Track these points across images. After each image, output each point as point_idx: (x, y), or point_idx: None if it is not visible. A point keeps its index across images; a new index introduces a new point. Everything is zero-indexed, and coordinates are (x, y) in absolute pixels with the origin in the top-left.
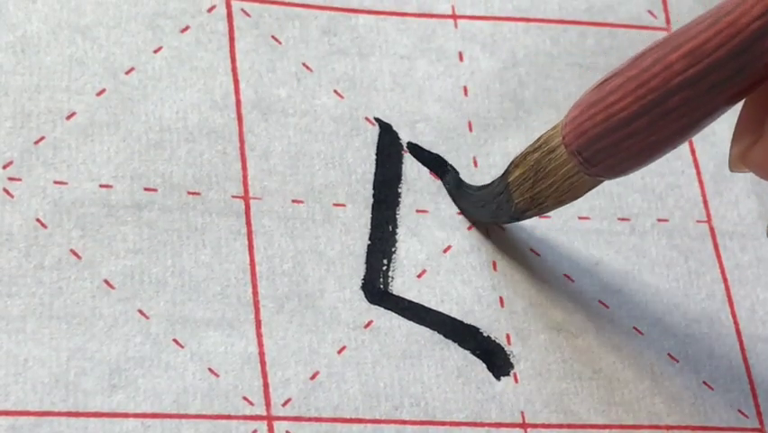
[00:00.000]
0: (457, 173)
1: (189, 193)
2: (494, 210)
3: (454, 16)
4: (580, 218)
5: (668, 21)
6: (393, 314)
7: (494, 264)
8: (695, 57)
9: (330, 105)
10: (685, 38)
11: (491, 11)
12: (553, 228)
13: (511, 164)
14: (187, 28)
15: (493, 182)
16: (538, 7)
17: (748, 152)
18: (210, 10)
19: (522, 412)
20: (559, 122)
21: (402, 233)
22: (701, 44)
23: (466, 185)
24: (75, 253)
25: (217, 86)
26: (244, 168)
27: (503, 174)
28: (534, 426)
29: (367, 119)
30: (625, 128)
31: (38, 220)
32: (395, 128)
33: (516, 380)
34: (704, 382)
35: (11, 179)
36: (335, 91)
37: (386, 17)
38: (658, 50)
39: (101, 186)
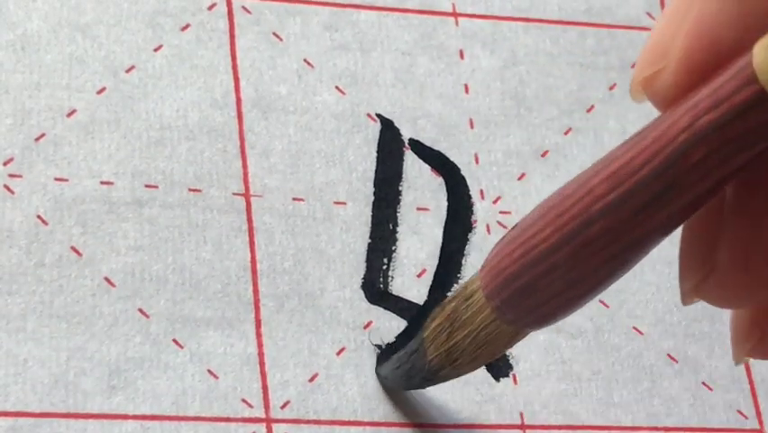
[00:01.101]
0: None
1: (190, 190)
2: (408, 370)
3: (455, 14)
4: None
5: None
6: (393, 314)
7: None
8: (618, 178)
9: (331, 101)
10: (609, 160)
11: (491, 10)
12: None
13: (429, 317)
14: (187, 26)
15: (409, 344)
16: (538, 7)
17: (702, 286)
18: (211, 8)
19: (521, 413)
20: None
21: (402, 231)
22: (624, 164)
23: (394, 355)
24: (75, 251)
25: (218, 84)
26: (245, 165)
27: (420, 330)
28: (534, 427)
29: (368, 115)
30: (543, 263)
31: (39, 217)
32: (396, 124)
33: (515, 381)
34: (703, 383)
35: (11, 175)
36: (337, 87)
37: (387, 13)
38: (581, 175)
39: (102, 183)
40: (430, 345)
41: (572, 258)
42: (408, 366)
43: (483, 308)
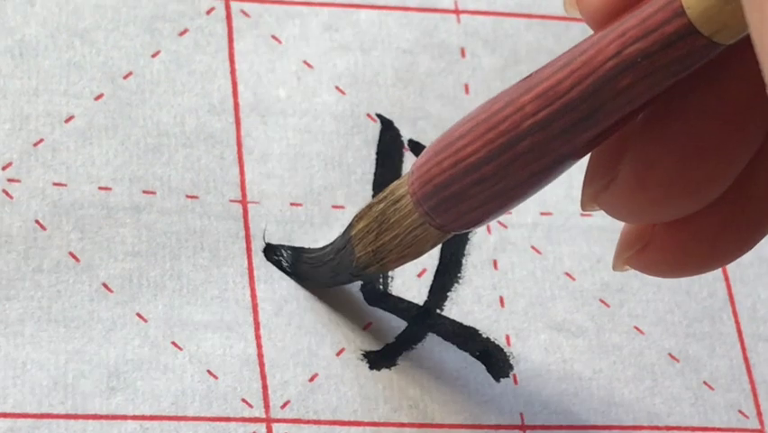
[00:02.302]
0: (295, 250)
1: (188, 196)
2: (334, 267)
3: (457, 11)
4: (582, 215)
5: None
6: (392, 315)
7: (494, 264)
8: (547, 98)
9: (331, 101)
10: (539, 79)
11: (494, 6)
12: (555, 226)
13: (355, 217)
14: (185, 31)
15: (335, 240)
16: (540, 4)
17: (601, 194)
18: (209, 12)
19: (521, 414)
20: (407, 172)
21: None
22: (554, 85)
23: (305, 250)
24: (73, 256)
25: (216, 89)
26: (242, 172)
27: (346, 228)
28: (534, 427)
29: (368, 116)
30: (472, 174)
31: (37, 222)
32: (396, 125)
33: (515, 381)
34: (704, 383)
35: (10, 180)
36: (337, 87)
37: (388, 12)
38: (511, 92)
39: (100, 188)
40: (358, 243)
41: (500, 171)
42: (335, 263)
43: (411, 213)
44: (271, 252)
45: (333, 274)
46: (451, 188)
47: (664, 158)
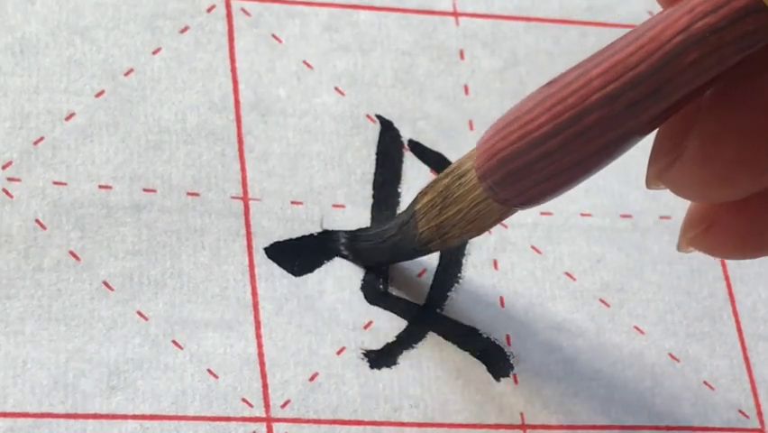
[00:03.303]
0: (352, 232)
1: (188, 194)
2: (397, 242)
3: (455, 14)
4: (581, 215)
5: None
6: (392, 315)
7: (495, 264)
8: (616, 72)
9: (331, 102)
10: (608, 54)
11: (492, 9)
12: (555, 225)
13: (420, 192)
14: (186, 29)
15: (398, 216)
16: (539, 6)
17: (666, 172)
18: (209, 10)
19: (521, 414)
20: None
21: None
22: (623, 59)
23: (362, 230)
24: (74, 255)
25: (216, 87)
26: (243, 169)
27: (410, 203)
28: (534, 427)
29: (368, 117)
30: (538, 148)
31: (37, 221)
32: (396, 125)
33: (515, 381)
34: (705, 382)
35: (10, 179)
36: (336, 88)
37: (387, 13)
38: (579, 67)
39: (100, 187)
40: (421, 218)
41: (566, 145)
42: (397, 239)
43: (475, 188)
44: (328, 239)
45: (394, 251)
46: (516, 161)
47: (731, 135)
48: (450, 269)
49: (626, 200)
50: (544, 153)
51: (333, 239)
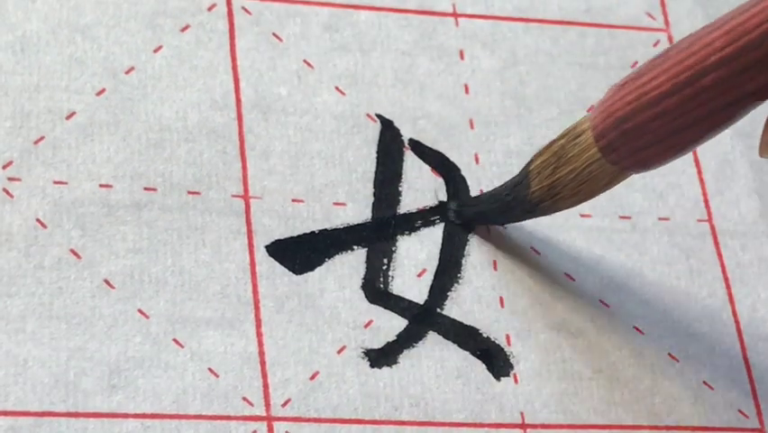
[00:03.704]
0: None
1: (189, 192)
2: (509, 203)
3: (455, 14)
4: (581, 216)
5: (667, 23)
6: (393, 314)
7: (494, 264)
8: (734, 34)
9: (331, 102)
10: (728, 17)
11: (491, 10)
12: (555, 226)
13: (535, 154)
14: (187, 27)
15: (513, 177)
16: (538, 8)
17: None
18: (210, 8)
19: (522, 413)
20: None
21: (401, 233)
22: (742, 22)
23: (478, 195)
24: (75, 253)
25: (217, 85)
26: (244, 167)
27: (525, 165)
28: (534, 426)
29: (368, 116)
30: (654, 108)
31: (38, 220)
32: (396, 124)
33: (515, 380)
34: (704, 382)
35: (11, 179)
36: (337, 88)
37: (387, 13)
38: (701, 31)
39: (101, 186)
40: (534, 177)
41: (682, 106)
42: (510, 198)
43: (590, 147)
44: (443, 209)
45: (505, 211)
46: (632, 120)
47: None
48: (450, 269)
49: (626, 201)
50: (660, 113)
51: (447, 207)
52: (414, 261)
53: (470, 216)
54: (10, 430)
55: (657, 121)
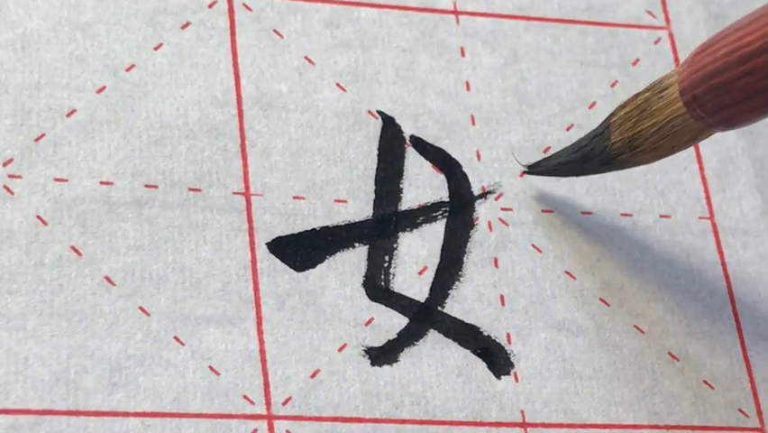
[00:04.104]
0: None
1: (190, 190)
2: (587, 153)
3: (456, 12)
4: (582, 213)
5: (667, 20)
6: (394, 312)
7: (495, 261)
8: None
9: (332, 98)
10: None
11: (492, 8)
12: (556, 224)
13: (619, 105)
14: (187, 24)
15: (594, 128)
16: (539, 6)
17: None
18: (211, 5)
19: (522, 411)
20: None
21: (403, 230)
22: None
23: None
24: (75, 250)
25: (218, 82)
26: (245, 164)
27: (608, 116)
28: (535, 425)
29: (369, 113)
30: (744, 64)
31: (38, 217)
32: (397, 121)
33: (516, 379)
34: (704, 382)
35: (11, 176)
36: (338, 84)
37: (388, 11)
38: None
39: (101, 183)
40: (616, 129)
41: None
42: (588, 149)
43: (675, 101)
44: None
45: (582, 161)
46: (720, 76)
47: None
48: (451, 267)
49: (627, 199)
50: (750, 70)
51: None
52: (415, 258)
53: (547, 167)
54: (10, 428)
55: (746, 78)
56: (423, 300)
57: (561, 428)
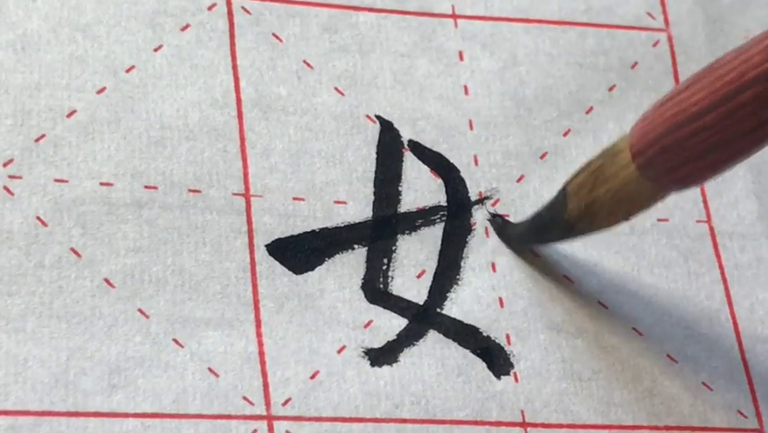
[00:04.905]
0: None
1: (190, 191)
2: (546, 224)
3: (454, 16)
4: None
5: (666, 22)
6: (393, 314)
7: (493, 265)
8: None
9: (331, 102)
10: (766, 35)
11: (491, 11)
12: None
13: (573, 174)
14: (187, 26)
15: (550, 199)
16: (538, 8)
17: None
18: (210, 8)
19: (522, 411)
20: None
21: (402, 232)
22: None
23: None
24: (75, 252)
25: (218, 84)
26: (245, 165)
27: (563, 185)
28: (535, 425)
29: (368, 117)
30: (693, 123)
31: (38, 218)
32: (396, 126)
33: (516, 379)
34: (703, 383)
35: (11, 176)
36: (336, 89)
37: (386, 15)
38: (742, 46)
39: (101, 184)
40: (572, 198)
41: (722, 121)
42: (547, 219)
43: (628, 166)
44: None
45: (542, 231)
46: (670, 136)
47: None
48: (449, 270)
49: None
50: (699, 129)
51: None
52: (414, 261)
53: (510, 236)
54: (10, 430)
55: (695, 137)
56: (421, 303)
57: (561, 428)
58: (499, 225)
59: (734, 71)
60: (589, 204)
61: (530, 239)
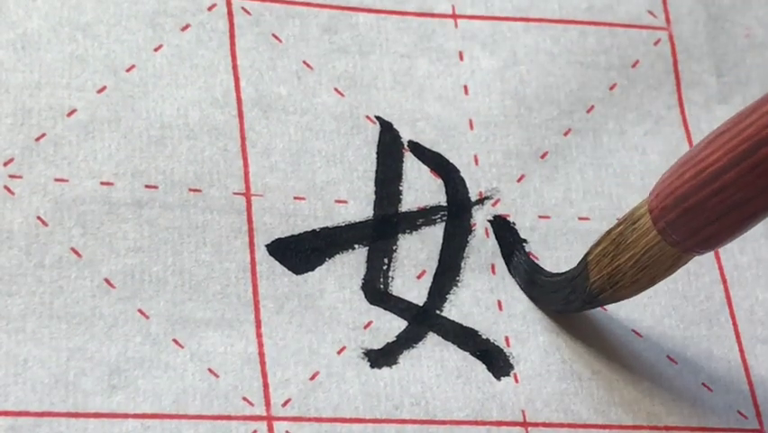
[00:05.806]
0: (527, 257)
1: (190, 190)
2: (567, 295)
3: (454, 16)
4: (579, 219)
5: (668, 20)
6: (392, 315)
7: (492, 267)
8: None
9: (330, 103)
10: None
11: (491, 11)
12: (553, 229)
13: (594, 243)
14: (187, 26)
15: (572, 268)
16: (538, 7)
17: None
18: (211, 8)
19: (523, 411)
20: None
21: (402, 231)
22: None
23: (540, 269)
24: (75, 252)
25: (218, 83)
26: (245, 165)
27: (584, 255)
28: (536, 425)
29: (368, 117)
30: (712, 183)
31: (39, 218)
32: (395, 126)
33: (516, 380)
34: (703, 384)
35: (12, 176)
36: (336, 89)
37: (386, 16)
38: (757, 102)
39: (102, 183)
40: (593, 267)
41: (740, 179)
42: (569, 290)
43: (649, 231)
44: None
45: (565, 302)
46: (690, 198)
47: None
48: (449, 272)
49: (624, 204)
50: (719, 189)
51: (515, 250)
52: (414, 261)
53: (533, 292)
54: (10, 430)
55: (715, 197)
56: (421, 304)
57: (561, 427)
58: (523, 272)
59: (751, 127)
60: (612, 273)
61: (555, 306)
